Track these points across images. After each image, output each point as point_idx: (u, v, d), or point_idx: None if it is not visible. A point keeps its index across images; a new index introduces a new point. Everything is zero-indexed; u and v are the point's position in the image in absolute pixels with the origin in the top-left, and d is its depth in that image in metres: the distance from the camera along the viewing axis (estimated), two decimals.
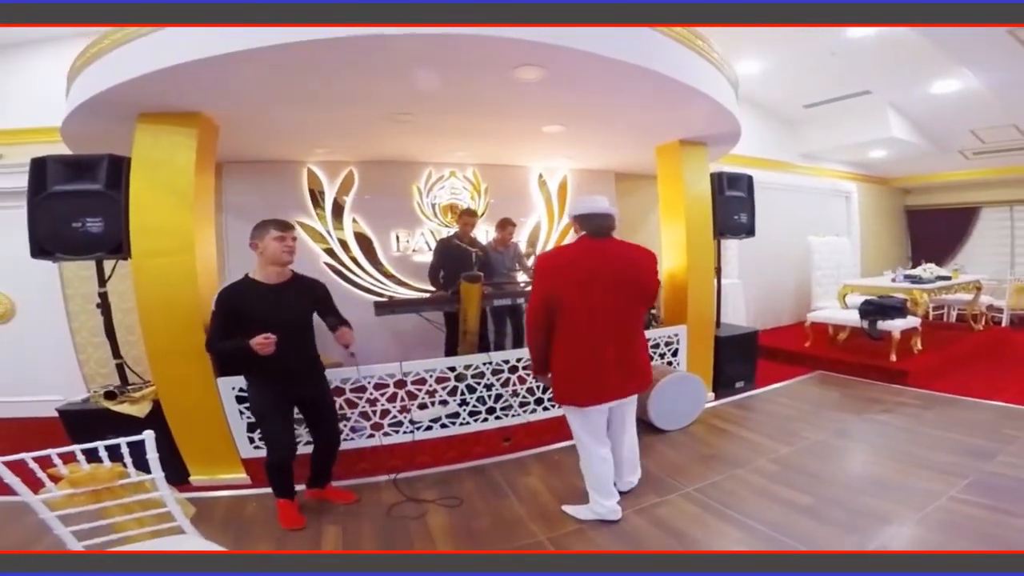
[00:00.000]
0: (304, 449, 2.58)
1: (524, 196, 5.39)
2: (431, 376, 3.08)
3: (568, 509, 2.43)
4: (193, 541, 1.56)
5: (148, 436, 1.51)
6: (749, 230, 4.24)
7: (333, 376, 2.84)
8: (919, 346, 4.71)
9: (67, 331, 4.10)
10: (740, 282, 5.68)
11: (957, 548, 1.96)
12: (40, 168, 2.63)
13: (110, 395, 2.78)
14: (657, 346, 3.74)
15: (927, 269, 5.42)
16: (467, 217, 4.27)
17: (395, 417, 3.04)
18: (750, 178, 4.24)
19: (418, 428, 3.04)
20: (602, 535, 2.25)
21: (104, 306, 2.94)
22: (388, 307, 3.49)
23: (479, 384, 3.17)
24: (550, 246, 5.47)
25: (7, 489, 1.33)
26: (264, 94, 2.68)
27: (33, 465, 1.36)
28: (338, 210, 4.69)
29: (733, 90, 3.52)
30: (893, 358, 4.44)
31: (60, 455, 1.42)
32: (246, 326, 2.14)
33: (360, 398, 2.96)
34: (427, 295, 4.40)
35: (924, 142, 6.62)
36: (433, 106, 3.10)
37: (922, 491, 2.44)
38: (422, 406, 3.08)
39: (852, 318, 4.94)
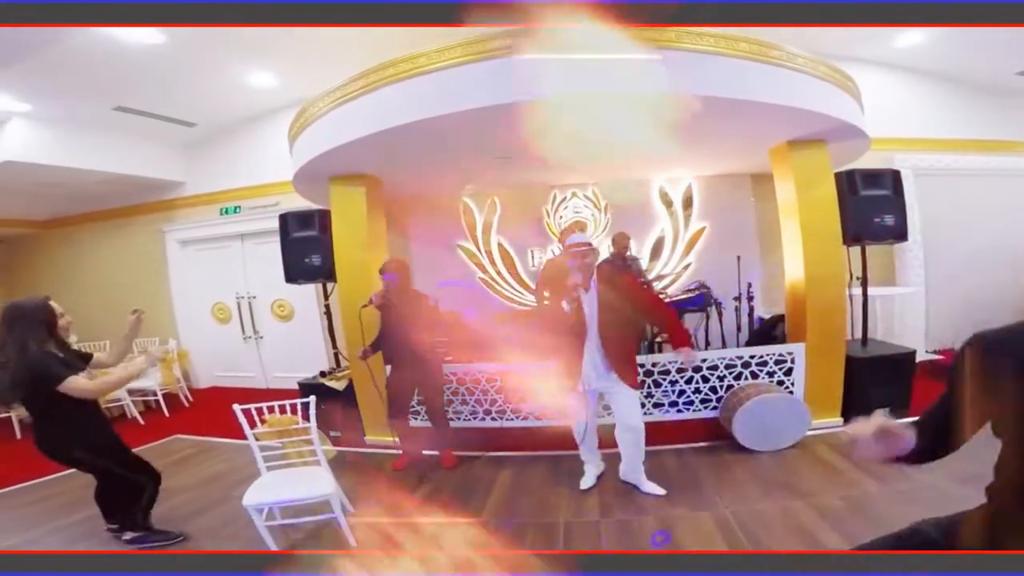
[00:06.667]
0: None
1: (645, 210, 5.47)
2: None
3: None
4: (316, 470, 2.50)
5: (311, 401, 2.51)
6: (899, 234, 3.63)
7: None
8: None
9: (325, 327, 5.97)
10: (922, 291, 4.67)
11: None
12: (284, 221, 4.12)
13: (323, 374, 4.21)
14: (765, 364, 3.60)
15: None
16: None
17: (500, 406, 3.78)
18: (896, 173, 3.62)
19: (516, 417, 3.73)
20: (611, 529, 2.54)
21: (328, 314, 4.43)
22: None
23: None
24: (675, 257, 5.48)
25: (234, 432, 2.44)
26: (412, 153, 3.56)
27: (254, 413, 2.46)
28: (486, 233, 5.66)
29: (846, 89, 3.18)
30: None
31: (268, 407, 2.54)
32: None
33: (476, 387, 3.79)
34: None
35: None
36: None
37: None
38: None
39: None
